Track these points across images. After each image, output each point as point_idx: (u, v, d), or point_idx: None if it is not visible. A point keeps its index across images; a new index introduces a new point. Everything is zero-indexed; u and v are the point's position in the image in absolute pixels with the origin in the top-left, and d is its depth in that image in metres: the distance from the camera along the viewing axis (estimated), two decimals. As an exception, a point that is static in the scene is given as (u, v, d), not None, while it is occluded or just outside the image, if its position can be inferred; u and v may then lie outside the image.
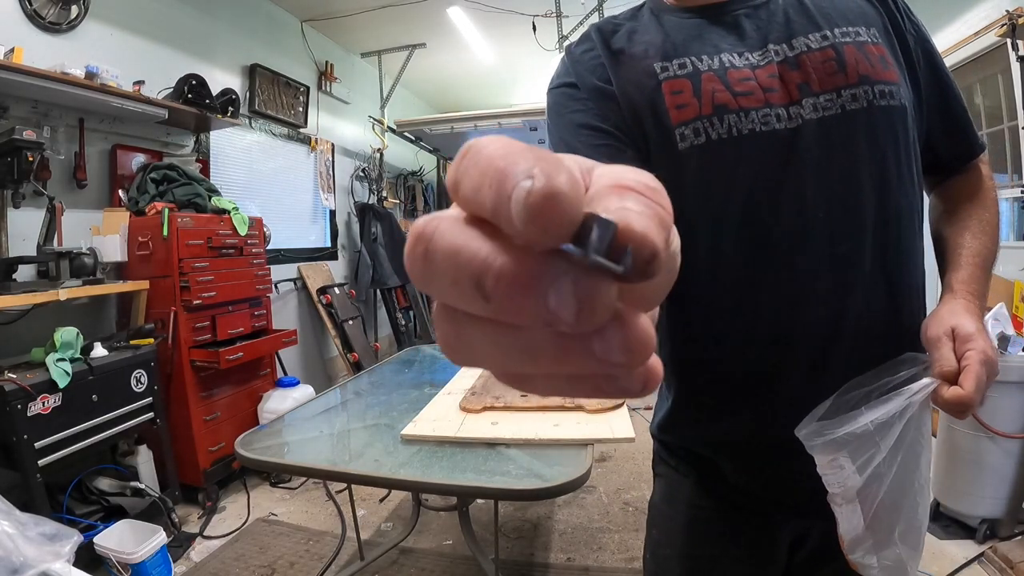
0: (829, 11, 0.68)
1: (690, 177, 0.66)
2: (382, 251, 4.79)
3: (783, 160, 0.65)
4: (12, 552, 1.32)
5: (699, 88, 0.66)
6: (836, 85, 0.64)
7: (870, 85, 0.64)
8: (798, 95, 0.65)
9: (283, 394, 2.84)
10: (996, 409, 2.01)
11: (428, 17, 4.26)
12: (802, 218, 0.64)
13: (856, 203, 0.64)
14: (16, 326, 2.10)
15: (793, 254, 0.65)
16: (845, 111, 0.64)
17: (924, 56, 0.72)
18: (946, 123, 0.74)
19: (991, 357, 0.58)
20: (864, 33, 0.67)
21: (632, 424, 1.40)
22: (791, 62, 0.66)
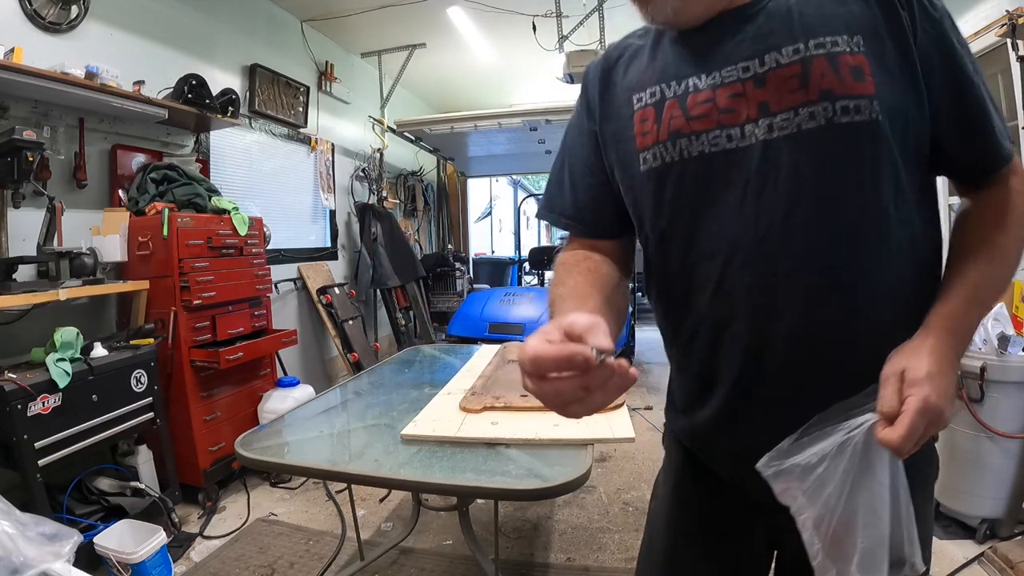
0: (813, 19, 0.66)
1: (648, 198, 0.74)
2: (382, 251, 4.79)
3: (725, 181, 0.68)
4: (12, 552, 1.32)
5: (660, 115, 0.71)
6: (795, 103, 0.65)
7: (831, 101, 0.64)
8: (756, 114, 0.66)
9: (283, 394, 2.84)
10: (996, 409, 2.01)
11: (428, 17, 4.26)
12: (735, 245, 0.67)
13: (796, 223, 0.65)
14: (16, 326, 2.11)
15: (744, 275, 0.68)
16: (800, 130, 0.64)
17: (940, 55, 0.65)
18: (961, 129, 0.67)
19: (934, 405, 0.56)
20: (843, 42, 0.65)
21: (632, 424, 1.40)
22: (758, 79, 0.66)
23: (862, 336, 0.65)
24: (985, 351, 2.06)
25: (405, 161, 6.13)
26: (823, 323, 0.65)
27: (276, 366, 3.12)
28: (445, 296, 6.05)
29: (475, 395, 1.61)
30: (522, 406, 1.51)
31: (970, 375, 2.04)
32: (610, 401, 0.54)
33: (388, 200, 5.35)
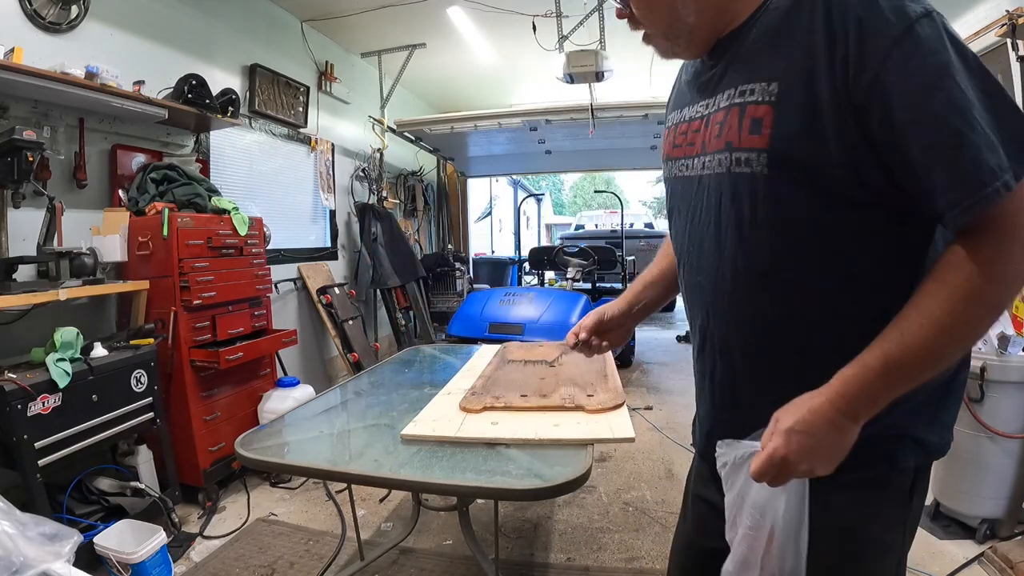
0: (757, 61, 0.70)
1: (665, 199, 0.94)
2: (382, 251, 4.79)
3: (684, 200, 0.84)
4: (12, 552, 1.32)
5: (665, 138, 0.90)
6: (716, 148, 0.74)
7: (730, 152, 0.71)
8: (700, 151, 0.78)
9: (283, 394, 2.84)
10: (996, 409, 2.01)
11: (428, 17, 4.26)
12: (691, 270, 0.84)
13: (706, 246, 0.79)
14: (16, 326, 2.11)
15: (689, 299, 0.88)
16: (715, 172, 0.74)
17: (876, 93, 0.60)
18: (914, 171, 0.61)
19: (779, 457, 0.65)
20: (759, 90, 0.68)
21: (632, 424, 1.40)
22: (706, 120, 0.77)
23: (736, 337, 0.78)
24: (985, 351, 2.06)
25: (405, 161, 6.13)
26: (713, 326, 0.81)
27: (276, 366, 3.12)
28: (445, 296, 6.05)
29: (475, 395, 1.61)
30: (522, 406, 1.51)
31: (970, 375, 2.03)
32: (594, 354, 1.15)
33: (388, 200, 5.35)
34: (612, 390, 1.62)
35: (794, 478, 0.67)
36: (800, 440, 0.64)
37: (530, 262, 6.23)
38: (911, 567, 1.95)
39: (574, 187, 27.50)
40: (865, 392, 0.64)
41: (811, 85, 0.64)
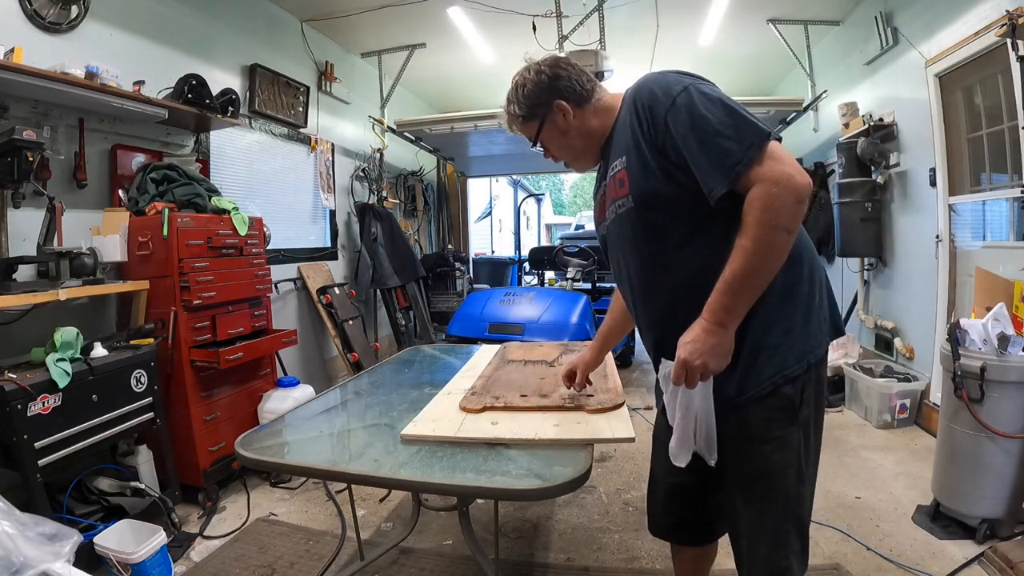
0: (616, 149, 1.19)
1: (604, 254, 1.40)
2: (382, 251, 4.78)
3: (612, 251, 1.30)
4: (12, 552, 1.32)
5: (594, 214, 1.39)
6: (609, 203, 1.22)
7: (614, 202, 1.19)
8: (607, 210, 1.24)
9: (283, 394, 2.84)
10: (996, 409, 2.01)
11: (428, 17, 4.26)
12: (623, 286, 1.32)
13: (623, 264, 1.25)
14: (16, 326, 2.11)
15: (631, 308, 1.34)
16: (613, 219, 1.22)
17: (668, 141, 1.06)
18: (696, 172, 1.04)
19: (683, 359, 1.03)
20: (619, 163, 1.16)
21: (632, 424, 1.40)
22: (606, 189, 1.24)
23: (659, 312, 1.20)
24: (985, 351, 2.06)
25: (405, 161, 6.13)
26: (641, 313, 1.26)
27: (276, 366, 3.12)
28: (445, 296, 6.04)
29: (475, 395, 1.61)
30: (522, 406, 1.51)
31: (970, 375, 2.04)
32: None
33: (388, 200, 5.35)
34: (612, 390, 1.62)
35: (699, 374, 1.03)
36: (691, 348, 1.02)
37: (530, 262, 6.22)
38: (911, 567, 1.95)
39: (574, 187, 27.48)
40: (720, 306, 1.01)
41: (639, 149, 1.11)
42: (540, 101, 1.23)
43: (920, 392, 3.35)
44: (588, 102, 1.23)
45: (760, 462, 1.11)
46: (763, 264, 0.98)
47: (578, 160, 1.32)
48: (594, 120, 1.23)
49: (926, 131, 3.29)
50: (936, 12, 3.14)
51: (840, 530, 2.21)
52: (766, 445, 1.10)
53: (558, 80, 1.22)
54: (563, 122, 1.23)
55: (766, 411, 1.10)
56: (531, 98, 1.23)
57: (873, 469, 2.80)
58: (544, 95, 1.22)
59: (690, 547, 1.45)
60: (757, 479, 1.12)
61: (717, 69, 5.70)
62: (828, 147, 4.64)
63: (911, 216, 3.56)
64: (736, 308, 1.00)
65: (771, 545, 1.13)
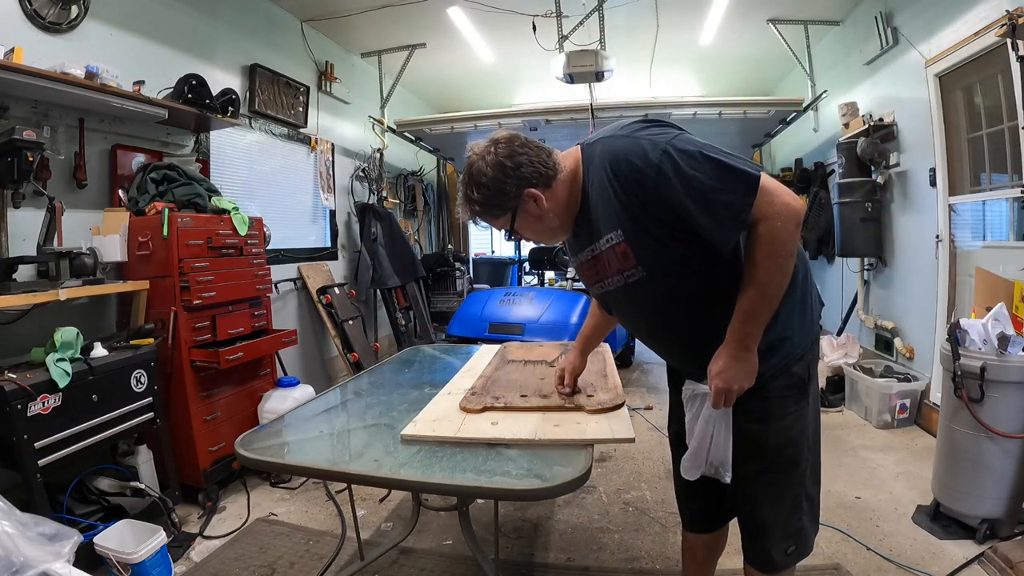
0: (603, 222, 1.16)
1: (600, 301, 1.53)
2: (382, 251, 4.78)
3: (619, 304, 1.32)
4: (12, 552, 1.32)
5: (580, 272, 1.36)
6: (611, 273, 1.22)
7: (621, 273, 1.19)
8: (606, 275, 1.24)
9: (283, 394, 2.84)
10: (996, 409, 2.01)
11: (428, 17, 4.26)
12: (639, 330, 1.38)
13: (638, 320, 1.32)
14: (16, 326, 2.11)
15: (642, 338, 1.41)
16: (619, 286, 1.22)
17: (665, 209, 1.07)
18: (702, 233, 1.07)
19: (719, 387, 1.12)
20: (614, 238, 1.15)
21: (632, 424, 1.40)
22: (593, 259, 1.25)
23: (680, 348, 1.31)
24: (985, 351, 2.06)
25: (405, 161, 6.13)
26: (657, 348, 1.37)
27: (276, 366, 3.12)
28: (445, 296, 6.04)
29: (475, 395, 1.61)
30: (522, 406, 1.51)
31: (970, 375, 2.04)
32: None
33: (388, 200, 5.35)
34: (612, 390, 1.62)
35: (734, 396, 1.12)
36: (725, 376, 1.11)
37: (530, 262, 6.22)
38: (911, 567, 1.95)
39: (574, 187, 27.47)
40: (743, 334, 1.09)
41: (636, 222, 1.11)
42: (508, 195, 1.15)
43: (920, 392, 3.35)
44: (555, 178, 1.17)
45: (782, 436, 1.21)
46: (776, 291, 1.07)
47: (555, 236, 1.29)
48: (564, 193, 1.19)
49: (926, 131, 3.29)
50: (936, 12, 3.14)
51: (840, 530, 2.21)
52: (783, 420, 1.20)
53: (520, 168, 1.14)
54: (536, 208, 1.17)
55: (780, 390, 1.20)
56: (496, 196, 1.16)
57: (873, 469, 2.80)
58: (511, 187, 1.15)
59: (702, 534, 1.52)
60: (779, 452, 1.21)
61: (717, 69, 5.71)
62: (828, 147, 4.64)
63: (911, 216, 3.56)
64: (757, 332, 1.10)
65: (789, 509, 1.24)
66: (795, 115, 4.73)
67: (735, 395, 1.12)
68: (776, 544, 1.25)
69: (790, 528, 1.26)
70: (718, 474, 1.20)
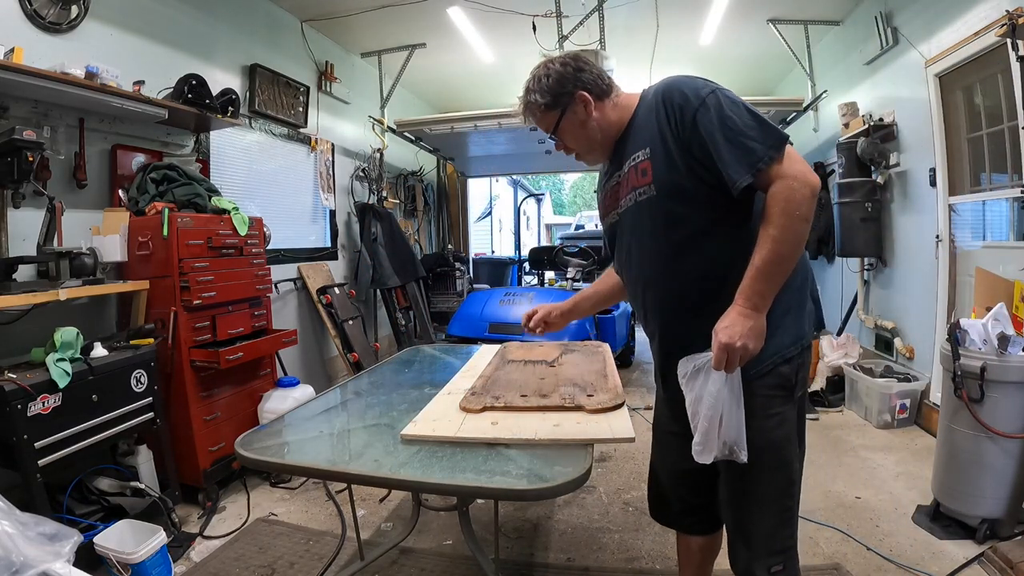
0: (636, 142, 1.26)
1: (608, 245, 1.50)
2: (382, 251, 4.78)
3: (620, 231, 1.36)
4: (12, 552, 1.32)
5: (600, 205, 1.47)
6: (627, 192, 1.29)
7: (635, 190, 1.26)
8: (622, 198, 1.31)
9: (283, 394, 2.84)
10: (996, 409, 2.01)
11: (428, 17, 4.26)
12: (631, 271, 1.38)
13: (634, 251, 1.32)
14: (16, 326, 2.11)
15: (632, 294, 1.42)
16: (630, 207, 1.28)
17: (694, 136, 1.14)
18: (720, 165, 1.12)
19: (724, 343, 1.08)
20: (641, 155, 1.23)
21: (632, 424, 1.40)
22: (620, 182, 1.32)
23: (663, 296, 1.28)
24: (985, 351, 2.06)
25: (405, 161, 6.13)
26: (650, 298, 1.32)
27: (276, 366, 3.12)
28: (445, 296, 6.04)
29: (475, 395, 1.61)
30: (522, 406, 1.51)
31: (970, 375, 2.04)
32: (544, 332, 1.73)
33: (388, 200, 5.35)
34: (612, 390, 1.62)
35: (739, 357, 1.08)
36: (730, 331, 1.08)
37: (530, 262, 6.23)
38: (911, 567, 1.95)
39: (574, 187, 27.48)
40: (753, 291, 1.09)
41: (665, 143, 1.18)
42: (564, 91, 1.26)
43: (920, 392, 3.35)
44: (608, 96, 1.29)
45: (765, 437, 1.18)
46: (789, 251, 1.08)
47: (592, 152, 1.36)
48: (612, 114, 1.30)
49: (926, 131, 3.29)
50: (936, 12, 3.14)
51: (840, 530, 2.21)
52: (767, 421, 1.18)
53: (581, 72, 1.27)
54: (583, 113, 1.27)
55: (766, 389, 1.18)
56: (555, 88, 1.27)
57: (873, 469, 2.80)
58: (568, 85, 1.26)
59: (697, 536, 1.52)
60: (762, 454, 1.17)
61: (717, 69, 5.70)
62: (828, 147, 4.64)
63: (911, 216, 3.56)
64: (767, 292, 1.09)
65: (777, 521, 1.21)
66: (795, 115, 4.73)
67: (738, 356, 1.07)
68: (759, 558, 1.20)
69: (776, 544, 1.20)
70: (733, 454, 1.13)
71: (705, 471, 1.29)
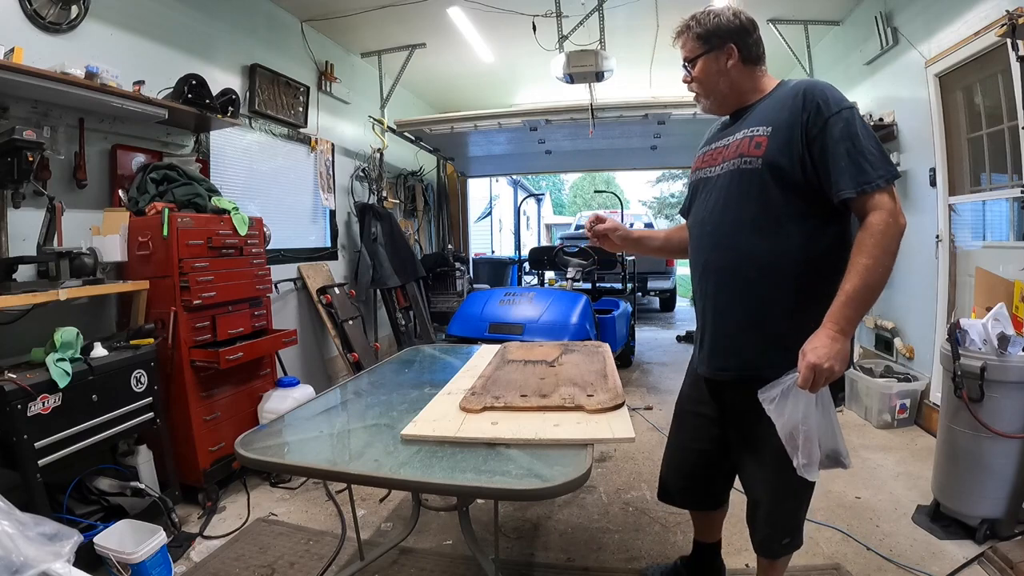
0: (757, 118, 1.33)
1: (689, 194, 1.57)
2: (382, 251, 4.78)
3: (705, 191, 1.45)
4: (12, 552, 1.32)
5: (698, 160, 1.53)
6: (731, 157, 1.36)
7: (740, 158, 1.32)
8: (720, 161, 1.40)
9: (283, 394, 2.84)
10: (996, 409, 2.01)
11: (428, 17, 4.26)
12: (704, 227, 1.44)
13: (716, 213, 1.39)
14: (16, 326, 2.10)
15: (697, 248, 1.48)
16: (729, 169, 1.35)
17: (819, 137, 1.22)
18: (833, 173, 1.21)
19: (811, 363, 1.14)
20: (761, 130, 1.30)
21: (632, 424, 1.40)
22: (726, 146, 1.39)
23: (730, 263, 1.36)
24: (985, 351, 2.06)
25: (405, 161, 6.13)
26: (717, 269, 1.40)
27: (276, 366, 3.12)
28: (445, 296, 6.04)
29: (475, 395, 1.61)
30: (522, 406, 1.51)
31: (970, 375, 2.04)
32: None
33: (388, 200, 5.35)
34: (612, 390, 1.62)
35: (825, 378, 1.14)
36: (820, 352, 1.14)
37: (530, 262, 6.22)
38: (911, 567, 1.95)
39: (574, 187, 27.48)
40: (842, 316, 1.17)
41: (791, 130, 1.25)
42: (720, 34, 1.35)
43: (920, 392, 3.35)
44: (753, 65, 1.38)
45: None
46: (877, 281, 1.16)
47: (709, 98, 1.44)
48: (747, 82, 1.38)
49: (926, 131, 3.29)
50: (936, 12, 3.14)
51: (840, 530, 2.21)
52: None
53: (745, 33, 1.36)
54: (724, 63, 1.36)
55: None
56: (715, 28, 1.35)
57: (873, 469, 2.80)
58: (726, 33, 1.35)
59: (701, 512, 1.76)
60: (781, 451, 1.26)
61: (717, 69, 5.70)
62: (828, 147, 4.63)
63: (911, 216, 3.51)
64: (855, 318, 1.17)
65: (797, 504, 1.42)
66: (795, 115, 4.72)
67: (825, 377, 1.13)
68: (778, 534, 1.44)
69: (793, 521, 1.43)
70: (838, 463, 1.22)
71: (718, 451, 1.53)
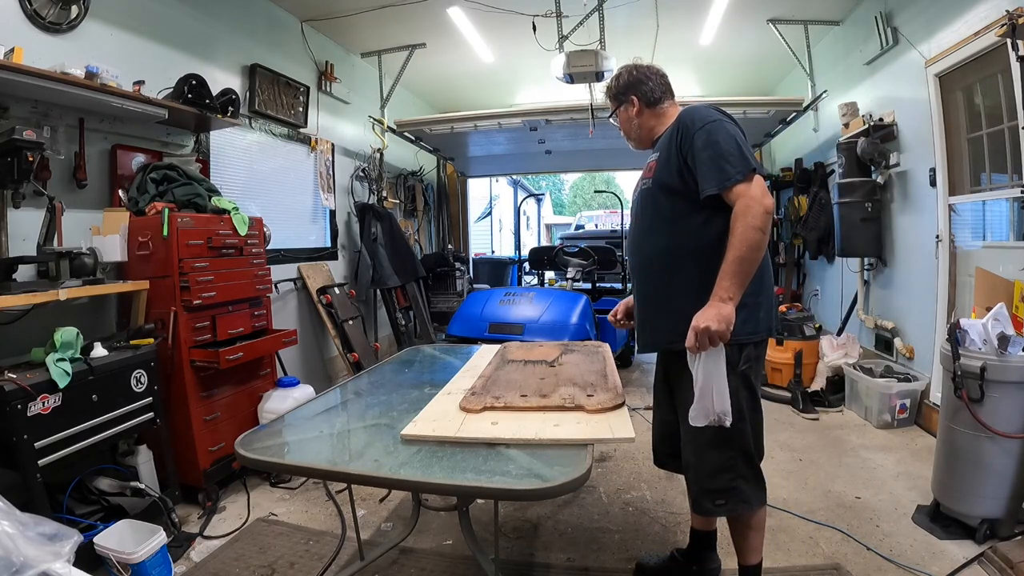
0: (657, 144, 1.70)
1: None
2: (382, 251, 4.78)
3: (632, 211, 1.80)
4: (12, 552, 1.32)
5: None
6: (641, 179, 1.73)
7: (643, 180, 1.70)
8: (639, 184, 1.74)
9: (283, 394, 2.84)
10: (996, 409, 2.01)
11: (428, 17, 4.26)
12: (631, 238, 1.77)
13: (635, 230, 1.73)
14: (16, 326, 2.11)
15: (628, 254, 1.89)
16: (640, 190, 1.71)
17: (689, 150, 1.51)
18: (698, 176, 1.49)
19: (696, 326, 1.37)
20: (653, 156, 1.66)
21: (632, 424, 1.40)
22: (643, 170, 1.75)
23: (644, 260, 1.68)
24: (985, 351, 2.06)
25: (405, 161, 6.13)
26: (638, 267, 1.72)
27: (276, 366, 3.12)
28: (445, 296, 6.04)
29: (475, 395, 1.61)
30: (522, 406, 1.51)
31: (970, 375, 2.04)
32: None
33: (388, 200, 5.35)
34: (612, 390, 1.62)
35: (707, 338, 1.35)
36: (699, 317, 1.37)
37: (530, 262, 6.22)
38: (911, 567, 1.95)
39: (574, 187, 27.48)
40: (719, 286, 1.38)
41: (670, 151, 1.58)
42: (623, 90, 1.75)
43: (920, 392, 3.35)
44: (654, 107, 1.73)
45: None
46: (748, 253, 1.38)
47: (629, 139, 1.82)
48: (652, 120, 1.74)
49: (926, 131, 3.29)
50: (936, 12, 3.14)
51: (840, 530, 2.21)
52: None
53: (640, 84, 1.72)
54: (632, 112, 1.75)
55: None
56: (618, 87, 1.76)
57: (873, 469, 2.80)
58: (626, 88, 1.74)
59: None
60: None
61: (717, 69, 5.71)
62: (828, 147, 4.64)
63: (911, 216, 3.56)
64: (731, 286, 1.38)
65: (718, 466, 1.53)
66: (795, 115, 4.73)
67: (706, 336, 1.35)
68: (705, 494, 1.56)
69: (718, 483, 1.53)
70: (720, 420, 1.40)
71: (675, 420, 1.70)
